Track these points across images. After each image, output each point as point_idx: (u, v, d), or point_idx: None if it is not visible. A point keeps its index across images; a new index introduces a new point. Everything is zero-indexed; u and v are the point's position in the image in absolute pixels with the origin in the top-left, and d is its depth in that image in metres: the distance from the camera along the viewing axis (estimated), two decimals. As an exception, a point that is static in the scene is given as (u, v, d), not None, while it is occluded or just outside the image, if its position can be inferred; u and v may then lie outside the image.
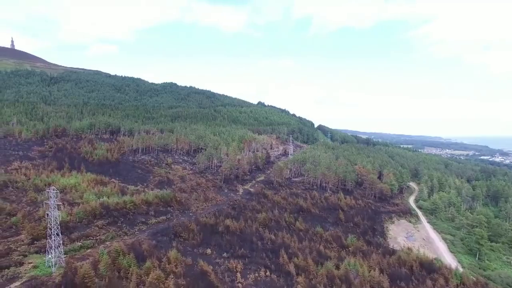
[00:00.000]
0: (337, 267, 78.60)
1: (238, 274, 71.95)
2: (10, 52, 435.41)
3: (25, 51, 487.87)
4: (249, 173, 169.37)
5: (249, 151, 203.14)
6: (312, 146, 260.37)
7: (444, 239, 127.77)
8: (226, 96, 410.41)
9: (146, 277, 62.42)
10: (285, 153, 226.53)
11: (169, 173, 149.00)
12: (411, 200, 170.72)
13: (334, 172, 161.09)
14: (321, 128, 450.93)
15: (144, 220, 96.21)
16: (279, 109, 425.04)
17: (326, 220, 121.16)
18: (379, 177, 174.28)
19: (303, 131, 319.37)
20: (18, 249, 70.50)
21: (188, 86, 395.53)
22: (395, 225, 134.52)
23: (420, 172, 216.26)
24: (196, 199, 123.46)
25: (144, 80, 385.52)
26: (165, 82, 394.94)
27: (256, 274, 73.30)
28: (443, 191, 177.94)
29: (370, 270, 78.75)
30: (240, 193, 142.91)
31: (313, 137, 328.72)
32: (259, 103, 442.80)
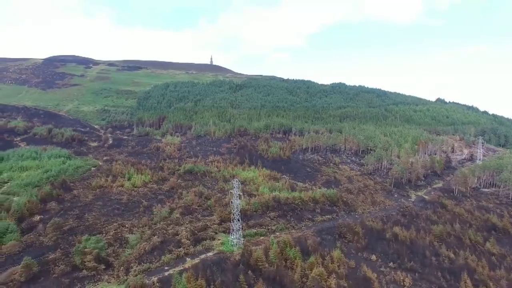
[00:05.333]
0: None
1: (406, 289, 66.02)
2: (210, 67, 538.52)
3: (220, 65, 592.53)
4: (423, 178, 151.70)
5: (425, 153, 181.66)
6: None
7: None
8: (398, 94, 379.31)
9: (309, 271, 65.56)
10: (471, 158, 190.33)
11: (336, 172, 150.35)
12: None
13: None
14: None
15: (310, 216, 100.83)
16: (464, 105, 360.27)
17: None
18: None
19: (498, 132, 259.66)
20: (211, 226, 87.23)
21: (357, 85, 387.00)
22: None
23: None
24: (362, 201, 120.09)
25: (314, 82, 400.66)
26: (333, 82, 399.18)
27: (428, 293, 65.37)
28: None
29: None
30: (412, 200, 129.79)
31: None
32: (438, 99, 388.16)
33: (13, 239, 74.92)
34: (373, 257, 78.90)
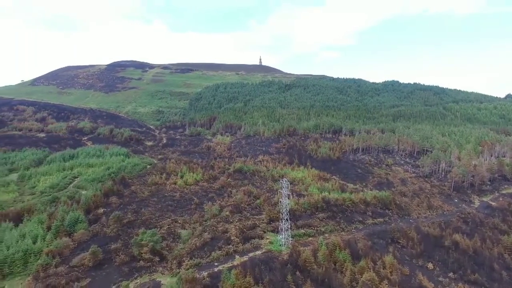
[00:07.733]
0: None
1: (468, 301, 61.23)
2: (259, 68, 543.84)
3: (269, 65, 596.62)
4: (489, 183, 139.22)
5: (491, 155, 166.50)
6: None
7: None
8: (459, 91, 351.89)
9: (359, 275, 63.52)
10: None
11: (389, 174, 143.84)
12: None
13: None
14: None
15: (361, 219, 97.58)
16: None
17: None
18: None
19: None
20: (260, 225, 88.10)
21: (412, 83, 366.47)
22: None
23: None
24: (418, 205, 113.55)
25: (365, 81, 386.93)
26: (386, 80, 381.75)
27: (494, 308, 60.00)
28: None
29: None
30: (476, 206, 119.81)
31: None
32: (508, 96, 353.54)
33: (82, 229, 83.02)
34: (430, 265, 74.26)
